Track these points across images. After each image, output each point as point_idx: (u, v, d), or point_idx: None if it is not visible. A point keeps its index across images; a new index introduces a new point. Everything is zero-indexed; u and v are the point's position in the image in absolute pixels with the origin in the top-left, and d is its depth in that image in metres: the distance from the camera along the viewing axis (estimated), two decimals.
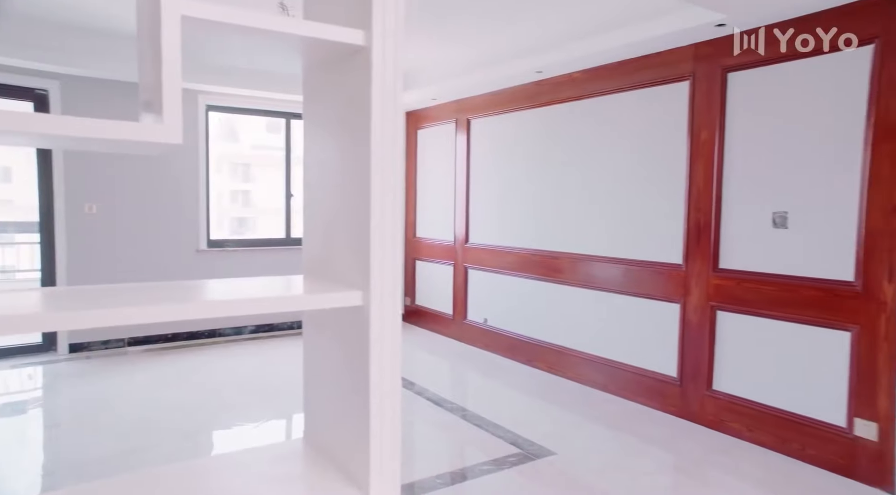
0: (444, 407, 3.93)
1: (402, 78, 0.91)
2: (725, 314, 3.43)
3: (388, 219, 0.91)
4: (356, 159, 0.92)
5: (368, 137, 0.88)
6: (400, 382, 0.95)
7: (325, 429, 1.08)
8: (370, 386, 0.90)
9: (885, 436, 2.78)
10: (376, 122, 0.88)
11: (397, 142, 0.90)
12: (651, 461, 3.15)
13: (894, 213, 2.73)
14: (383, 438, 0.92)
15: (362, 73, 0.89)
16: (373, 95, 0.87)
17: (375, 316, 0.91)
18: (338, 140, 1.01)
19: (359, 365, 0.93)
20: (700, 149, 3.52)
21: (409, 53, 5.19)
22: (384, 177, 0.90)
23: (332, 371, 1.05)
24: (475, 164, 5.44)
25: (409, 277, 6.50)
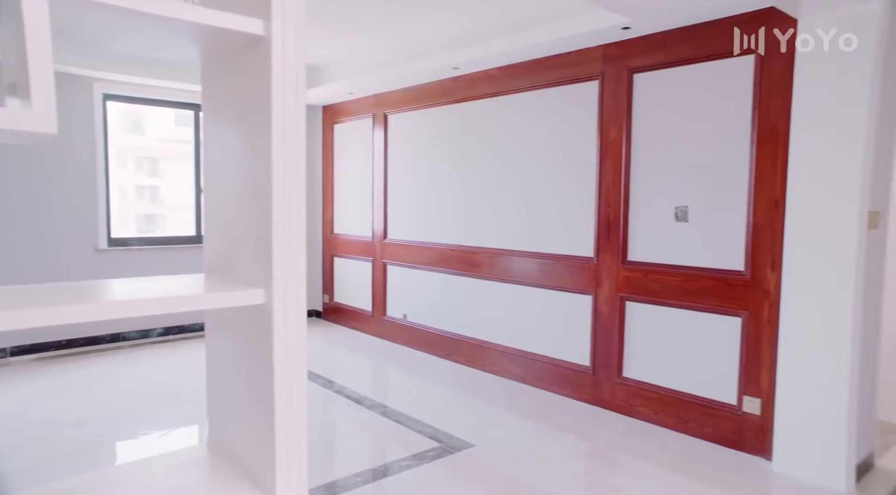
0: (364, 404, 3.90)
1: (305, 70, 0.88)
2: (634, 304, 3.61)
3: (291, 214, 0.89)
4: (257, 154, 0.89)
5: (269, 131, 0.85)
6: (305, 382, 0.93)
7: (230, 433, 1.04)
8: (274, 386, 0.88)
9: (766, 411, 3.03)
10: (277, 115, 0.85)
11: (300, 136, 0.88)
12: (565, 448, 3.26)
13: (775, 208, 2.97)
14: (289, 440, 0.90)
15: (262, 65, 0.85)
16: (273, 87, 0.84)
17: (279, 314, 0.88)
18: (238, 133, 0.97)
19: (262, 365, 0.90)
20: (609, 146, 3.68)
21: (325, 46, 5.09)
22: (286, 172, 0.87)
23: (235, 372, 1.01)
24: (393, 160, 5.42)
25: (327, 274, 6.39)
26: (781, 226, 2.94)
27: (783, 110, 2.93)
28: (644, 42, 3.45)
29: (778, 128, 2.96)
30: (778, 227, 2.97)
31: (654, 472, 2.95)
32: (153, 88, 5.33)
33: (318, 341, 5.70)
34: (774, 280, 3.00)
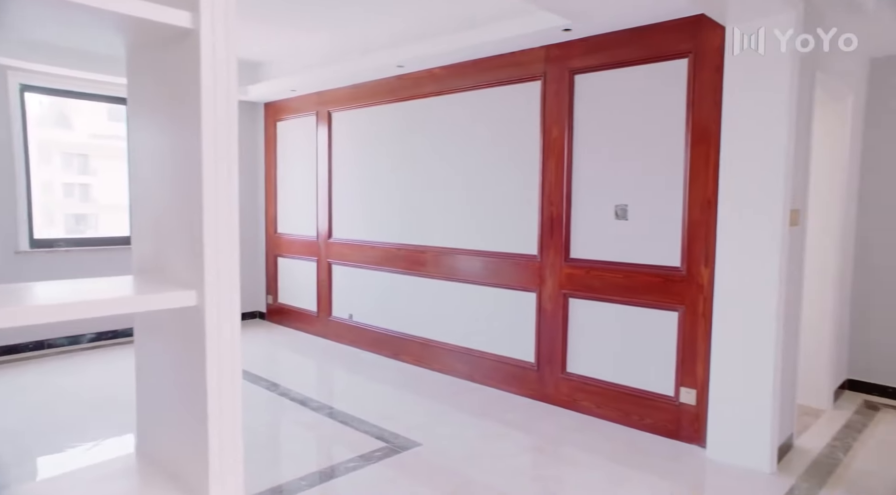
0: (309, 406, 3.83)
1: (236, 65, 0.86)
2: (576, 301, 3.69)
3: (223, 213, 0.86)
4: (187, 151, 0.86)
5: (199, 128, 0.82)
6: (240, 386, 0.90)
7: (161, 441, 1.00)
8: (207, 391, 0.85)
9: (701, 400, 3.16)
10: (208, 111, 0.82)
11: (232, 133, 0.85)
12: (511, 443, 3.31)
13: (708, 206, 3.10)
14: (223, 447, 0.87)
15: (191, 59, 0.82)
16: (203, 83, 0.81)
17: (212, 316, 0.86)
18: (167, 130, 0.93)
19: (195, 369, 0.87)
20: (552, 145, 3.74)
21: (265, 42, 4.98)
22: (218, 170, 0.84)
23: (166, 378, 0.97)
24: (337, 158, 5.35)
25: (270, 275, 6.25)
26: (714, 224, 3.07)
27: (714, 113, 3.06)
28: (584, 44, 3.53)
29: (710, 130, 3.09)
30: (711, 225, 3.10)
31: (597, 464, 3.03)
32: (79, 81, 5.06)
33: (262, 343, 5.57)
34: (708, 275, 3.13)
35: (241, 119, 6.09)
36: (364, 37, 4.53)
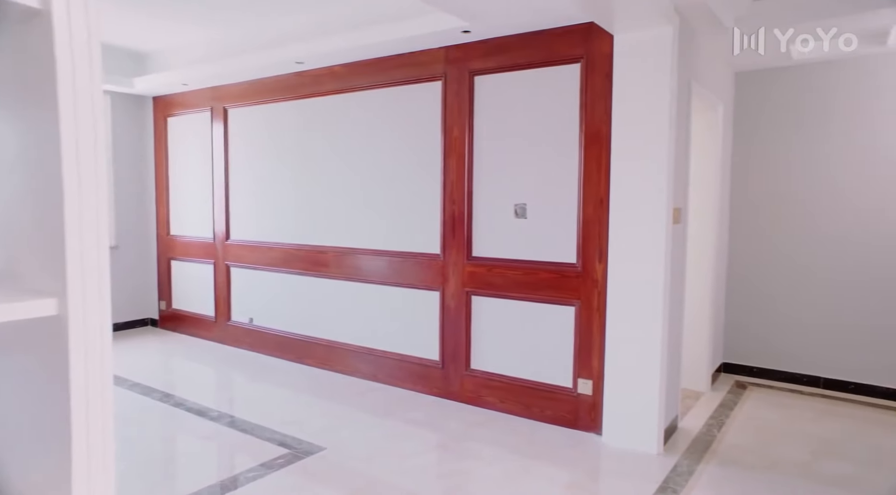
0: (207, 416, 3.65)
1: (100, 51, 0.79)
2: (479, 298, 3.76)
3: (89, 212, 0.79)
4: (43, 145, 0.78)
5: (57, 120, 0.75)
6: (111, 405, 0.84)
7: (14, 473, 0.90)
8: (71, 411, 0.78)
9: (597, 391, 3.33)
10: (66, 101, 0.75)
11: (97, 125, 0.79)
12: (417, 442, 3.32)
13: (601, 205, 3.27)
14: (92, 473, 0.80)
15: (44, 43, 0.75)
16: (59, 69, 0.74)
17: (76, 327, 0.78)
18: (20, 121, 0.84)
19: (56, 387, 0.79)
20: (453, 145, 3.79)
21: (152, 31, 4.68)
22: (81, 166, 0.78)
23: (21, 399, 0.88)
24: (234, 157, 5.12)
25: (163, 279, 5.88)
26: (607, 222, 3.24)
27: (605, 116, 3.22)
28: (484, 46, 3.60)
29: (601, 132, 3.25)
30: (604, 222, 3.26)
31: (501, 457, 3.10)
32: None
33: (155, 352, 5.24)
34: (601, 271, 3.30)
35: (125, 113, 5.69)
36: (261, 31, 4.37)
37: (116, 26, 4.56)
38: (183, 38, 4.78)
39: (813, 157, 4.18)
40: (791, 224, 4.29)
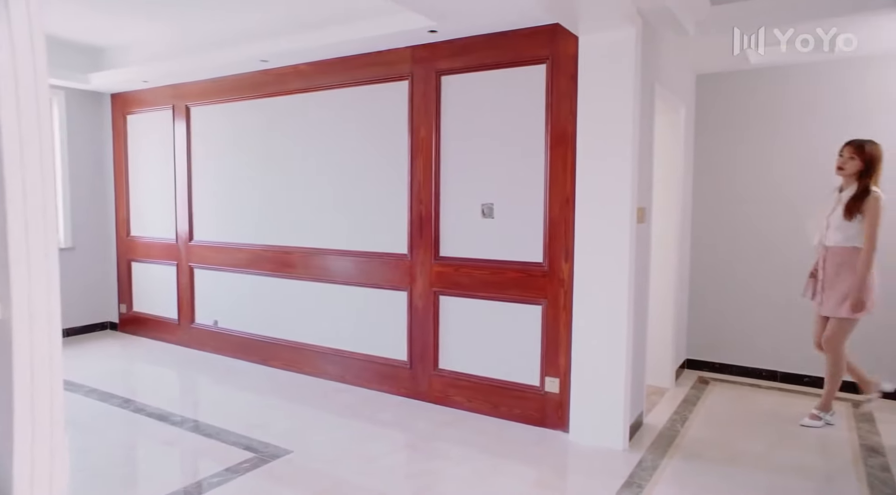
0: (170, 421, 3.56)
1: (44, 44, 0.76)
2: (447, 298, 3.76)
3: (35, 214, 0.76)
4: None
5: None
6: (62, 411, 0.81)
7: None
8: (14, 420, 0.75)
9: (564, 388, 3.37)
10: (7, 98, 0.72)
11: (43, 123, 0.76)
12: (385, 443, 3.30)
13: (567, 205, 3.30)
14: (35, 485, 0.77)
15: None
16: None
17: (22, 332, 0.76)
18: None
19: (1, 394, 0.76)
20: (420, 145, 3.78)
21: (109, 26, 4.55)
22: (25, 165, 0.75)
23: None
24: (198, 156, 5.02)
25: (123, 282, 5.72)
26: (573, 221, 3.27)
27: (571, 116, 3.26)
28: (450, 46, 3.61)
29: (567, 133, 3.29)
30: (570, 222, 3.30)
31: (469, 456, 3.11)
32: None
33: (115, 356, 5.09)
34: (568, 270, 3.33)
35: (81, 110, 5.52)
36: (225, 28, 4.29)
37: (70, 20, 4.41)
38: (142, 33, 4.66)
39: (767, 159, 4.30)
40: (749, 223, 4.41)
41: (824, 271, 3.38)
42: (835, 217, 3.33)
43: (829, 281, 3.36)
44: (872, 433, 3.42)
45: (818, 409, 3.51)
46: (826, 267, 3.37)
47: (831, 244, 3.35)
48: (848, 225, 3.25)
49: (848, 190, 3.31)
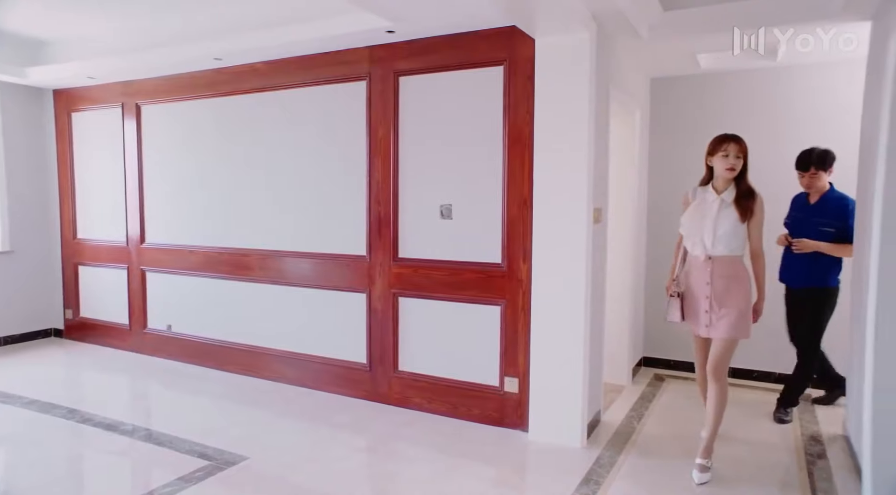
0: (119, 430, 3.44)
1: None
2: (406, 300, 3.74)
3: None
4: None
5: None
6: None
7: None
8: None
9: (523, 388, 3.39)
10: None
11: None
12: (343, 446, 3.26)
13: (525, 205, 3.33)
14: None
15: None
16: None
17: None
18: None
19: None
20: (378, 145, 3.75)
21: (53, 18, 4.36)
22: None
23: None
24: (150, 156, 4.87)
25: (70, 286, 5.51)
26: (530, 222, 3.30)
27: (528, 118, 3.28)
28: (409, 46, 3.59)
29: (524, 134, 3.31)
30: (527, 223, 3.32)
31: (428, 457, 3.10)
32: None
33: (58, 364, 4.89)
34: (526, 270, 3.36)
35: (18, 106, 5.28)
36: (178, 24, 4.16)
37: (6, 9, 4.21)
38: (88, 27, 4.48)
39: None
40: None
41: (712, 287, 2.82)
42: (724, 222, 2.78)
43: (719, 297, 2.81)
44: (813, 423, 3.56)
45: (704, 458, 2.86)
46: (714, 281, 2.81)
47: (720, 254, 2.80)
48: (738, 230, 2.78)
49: (728, 191, 2.81)
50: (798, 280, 3.57)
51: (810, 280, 3.52)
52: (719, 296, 2.82)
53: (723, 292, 2.82)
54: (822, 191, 3.52)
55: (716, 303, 2.83)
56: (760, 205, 2.82)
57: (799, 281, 3.57)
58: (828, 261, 3.46)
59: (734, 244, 2.81)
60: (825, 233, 3.44)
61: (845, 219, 3.39)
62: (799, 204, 3.64)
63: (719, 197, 2.83)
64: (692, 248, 2.91)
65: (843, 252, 3.43)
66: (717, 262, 2.83)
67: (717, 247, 2.81)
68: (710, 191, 2.88)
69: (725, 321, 2.81)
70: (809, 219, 3.51)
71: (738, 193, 2.80)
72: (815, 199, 3.54)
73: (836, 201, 3.47)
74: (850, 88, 3.80)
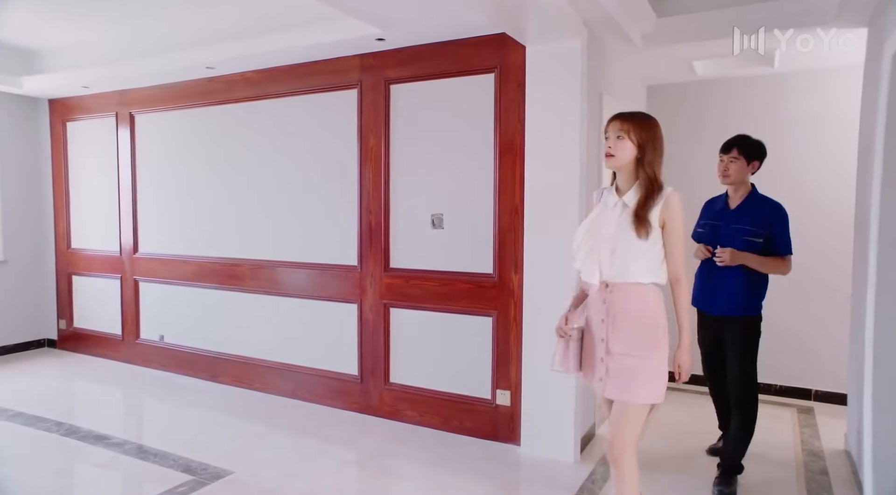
0: (105, 443, 3.38)
1: None
2: (397, 310, 3.69)
3: None
4: None
5: None
6: None
7: None
8: None
9: (515, 401, 3.32)
10: None
11: None
12: (332, 460, 3.19)
13: (516, 215, 3.27)
14: None
15: None
16: None
17: None
18: None
19: None
20: (369, 154, 3.71)
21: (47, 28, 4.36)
22: None
23: None
24: (143, 165, 4.84)
25: (63, 296, 5.47)
26: (522, 232, 3.24)
27: (518, 126, 3.24)
28: (399, 54, 3.56)
29: (515, 142, 3.26)
30: (519, 232, 3.27)
31: (418, 473, 3.03)
32: None
33: (50, 375, 4.84)
34: (518, 281, 3.30)
35: (12, 115, 5.26)
36: (170, 33, 4.14)
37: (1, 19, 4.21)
38: (81, 35, 4.47)
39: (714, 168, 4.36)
40: None
41: (607, 326, 2.02)
42: (624, 235, 1.97)
43: (617, 341, 2.01)
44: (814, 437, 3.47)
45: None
46: (610, 318, 2.01)
47: (618, 280, 1.99)
48: (646, 247, 1.95)
49: (632, 192, 2.02)
50: (720, 304, 2.84)
51: (736, 305, 2.79)
52: (618, 340, 2.00)
53: (623, 334, 2.00)
54: (743, 191, 2.87)
55: (613, 348, 2.01)
56: (674, 210, 1.96)
57: (721, 305, 2.84)
58: (757, 279, 2.78)
59: (639, 266, 1.97)
60: (751, 243, 2.75)
61: (773, 225, 2.75)
62: (715, 209, 2.96)
63: (621, 199, 2.03)
64: (585, 272, 2.07)
65: (773, 267, 2.77)
66: (615, 292, 2.00)
67: (615, 270, 1.99)
68: (613, 192, 2.08)
69: (623, 377, 1.99)
70: (730, 227, 2.82)
71: (644, 194, 1.98)
72: (736, 203, 2.87)
73: (761, 204, 2.81)
74: (847, 95, 3.74)
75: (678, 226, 1.98)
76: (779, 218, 2.78)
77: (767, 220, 2.77)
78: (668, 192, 1.99)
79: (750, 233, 2.77)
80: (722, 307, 2.85)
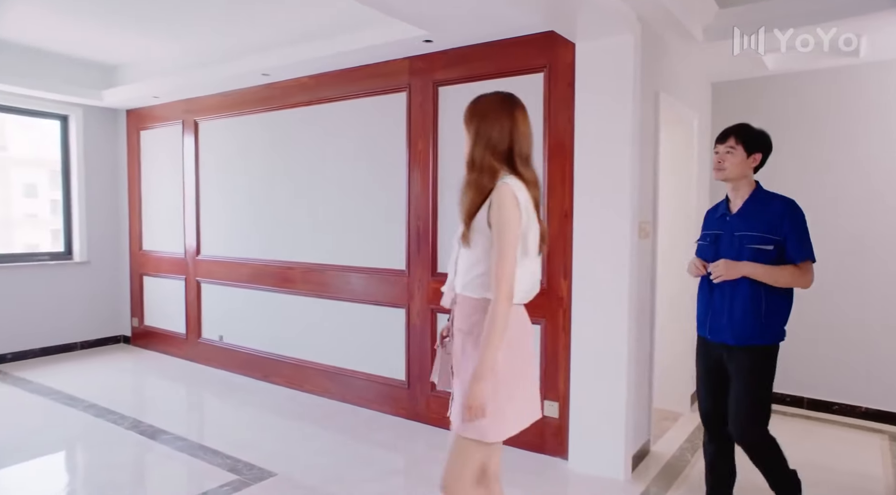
0: (159, 439, 3.50)
1: None
2: (444, 316, 3.62)
3: None
4: None
5: None
6: None
7: None
8: None
9: (563, 413, 3.18)
10: None
11: None
12: (376, 467, 3.15)
13: (566, 219, 3.14)
14: None
15: None
16: None
17: None
18: None
19: None
20: (417, 158, 3.68)
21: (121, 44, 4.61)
22: None
23: None
24: (205, 170, 5.03)
25: (136, 296, 5.76)
26: (571, 237, 3.11)
27: (568, 127, 3.11)
28: (446, 56, 3.51)
29: (565, 145, 3.14)
30: (568, 238, 3.13)
31: None
32: None
33: (124, 370, 5.10)
34: (567, 288, 3.16)
35: (97, 127, 5.62)
36: (227, 42, 4.29)
37: (83, 38, 4.49)
38: (151, 50, 4.71)
39: (785, 169, 4.05)
40: None
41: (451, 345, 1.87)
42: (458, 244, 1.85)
43: (455, 363, 1.83)
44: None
45: None
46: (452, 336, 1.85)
47: (460, 292, 1.82)
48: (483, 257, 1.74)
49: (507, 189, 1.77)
50: (723, 329, 2.32)
51: (743, 330, 2.26)
52: (455, 362, 1.81)
53: (459, 355, 1.80)
54: (744, 190, 2.36)
55: (454, 370, 1.82)
56: (497, 208, 1.69)
57: (724, 331, 2.31)
58: (775, 297, 2.25)
59: (475, 276, 1.75)
60: (760, 252, 2.23)
61: (785, 227, 2.22)
62: (715, 217, 2.46)
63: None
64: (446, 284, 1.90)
65: (788, 278, 2.22)
66: (458, 306, 1.82)
67: (458, 281, 1.82)
68: None
69: (456, 404, 1.82)
70: (733, 235, 2.32)
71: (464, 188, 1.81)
72: (738, 206, 2.37)
73: (768, 203, 2.30)
74: None
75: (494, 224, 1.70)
76: (791, 216, 2.23)
77: (777, 222, 2.23)
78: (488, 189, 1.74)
79: (758, 240, 2.24)
80: (725, 333, 2.31)
